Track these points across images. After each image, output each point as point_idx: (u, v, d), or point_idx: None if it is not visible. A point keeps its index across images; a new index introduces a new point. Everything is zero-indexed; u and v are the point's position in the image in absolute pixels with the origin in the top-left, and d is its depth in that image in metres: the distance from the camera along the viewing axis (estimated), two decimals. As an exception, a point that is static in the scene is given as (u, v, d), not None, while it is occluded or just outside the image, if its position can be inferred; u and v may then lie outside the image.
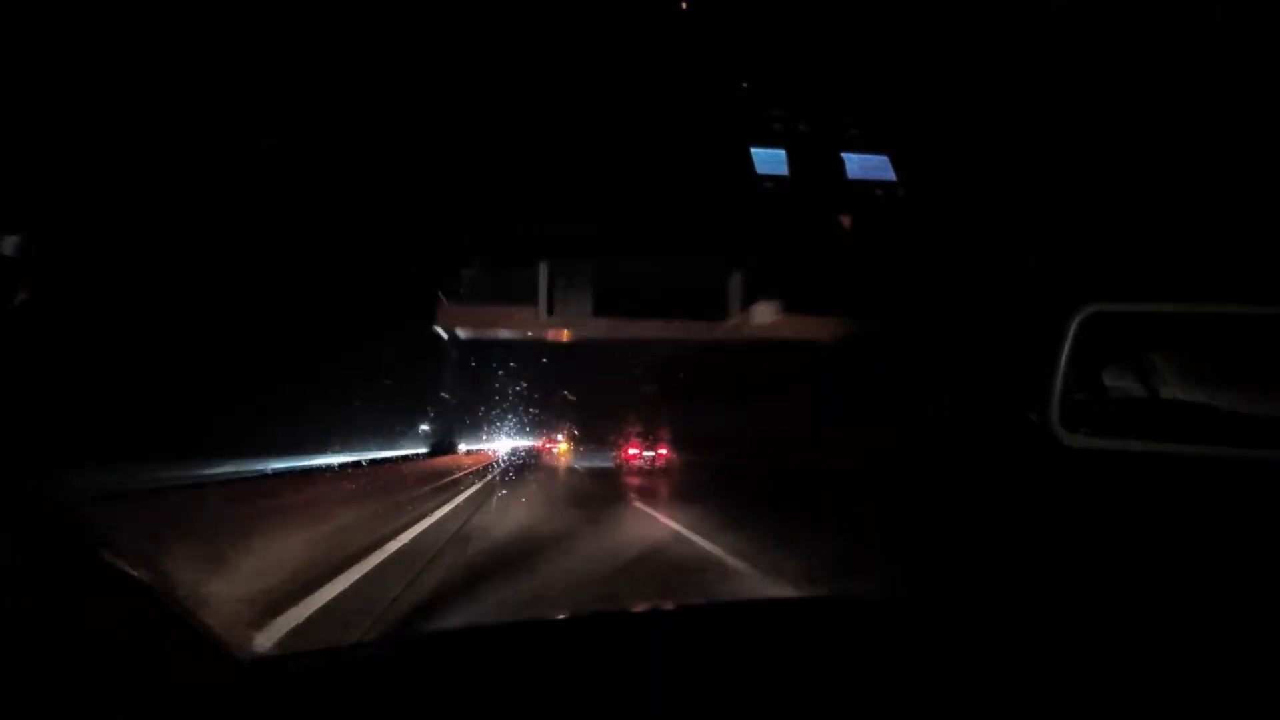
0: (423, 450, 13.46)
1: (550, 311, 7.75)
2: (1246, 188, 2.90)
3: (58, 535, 0.72)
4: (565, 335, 8.96)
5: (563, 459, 24.61)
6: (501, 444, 22.65)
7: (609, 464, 19.99)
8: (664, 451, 18.56)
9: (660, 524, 7.83)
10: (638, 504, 10.22)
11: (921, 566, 4.51)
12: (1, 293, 0.80)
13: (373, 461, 8.65)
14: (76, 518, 0.74)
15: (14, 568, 0.65)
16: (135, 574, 0.75)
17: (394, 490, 7.40)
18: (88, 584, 0.72)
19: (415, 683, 0.91)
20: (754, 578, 4.90)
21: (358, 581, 4.41)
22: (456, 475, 11.87)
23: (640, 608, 1.28)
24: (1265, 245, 2.79)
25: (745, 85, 4.20)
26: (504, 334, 9.62)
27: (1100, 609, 1.23)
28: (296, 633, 3.28)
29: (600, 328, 8.09)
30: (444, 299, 8.15)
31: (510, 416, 22.09)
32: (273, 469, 6.34)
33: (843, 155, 4.10)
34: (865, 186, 4.10)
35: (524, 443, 25.54)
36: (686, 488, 13.57)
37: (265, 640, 3.03)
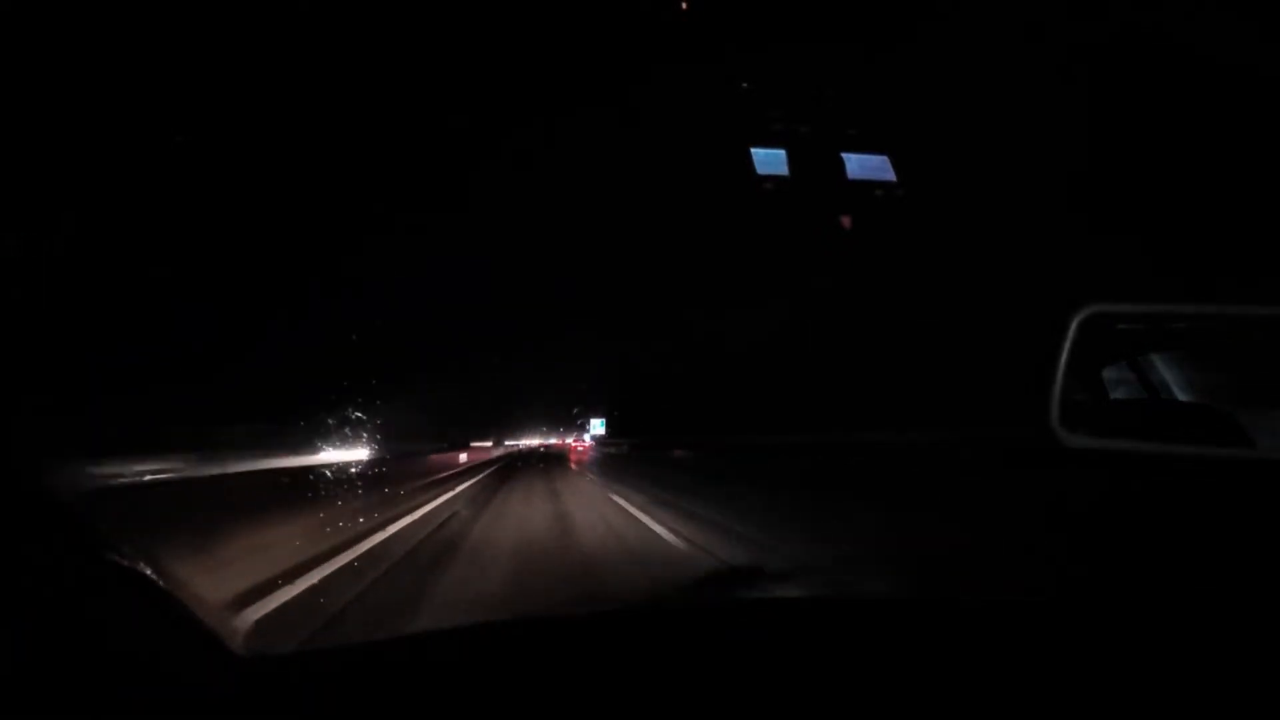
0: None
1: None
2: (1247, 188, 2.90)
3: (55, 530, 0.72)
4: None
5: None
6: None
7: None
8: None
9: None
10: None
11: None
12: (1, 293, 0.80)
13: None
14: (73, 512, 0.74)
15: (11, 564, 0.65)
16: (134, 568, 0.75)
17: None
18: (87, 580, 0.71)
19: (417, 682, 0.91)
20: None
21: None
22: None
23: (642, 607, 1.28)
24: (1265, 245, 2.79)
25: (745, 85, 4.20)
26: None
27: (1097, 607, 1.22)
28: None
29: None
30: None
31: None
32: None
33: (843, 155, 4.09)
34: (865, 186, 4.10)
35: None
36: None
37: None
